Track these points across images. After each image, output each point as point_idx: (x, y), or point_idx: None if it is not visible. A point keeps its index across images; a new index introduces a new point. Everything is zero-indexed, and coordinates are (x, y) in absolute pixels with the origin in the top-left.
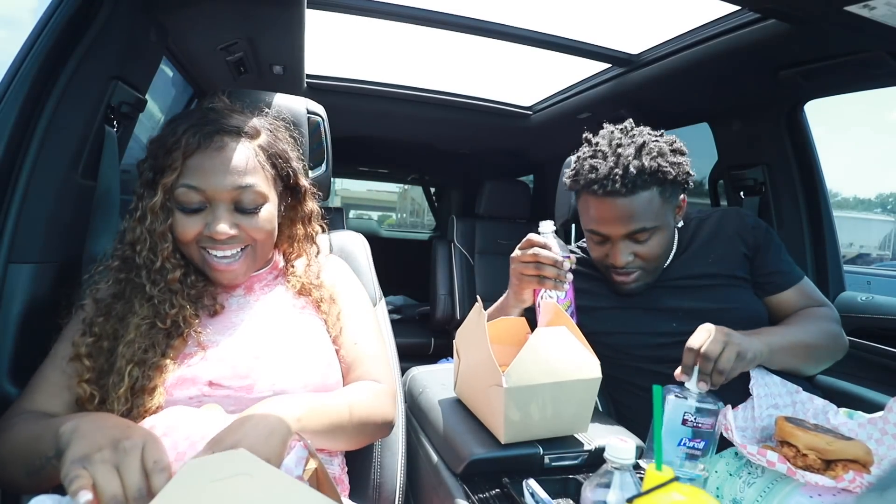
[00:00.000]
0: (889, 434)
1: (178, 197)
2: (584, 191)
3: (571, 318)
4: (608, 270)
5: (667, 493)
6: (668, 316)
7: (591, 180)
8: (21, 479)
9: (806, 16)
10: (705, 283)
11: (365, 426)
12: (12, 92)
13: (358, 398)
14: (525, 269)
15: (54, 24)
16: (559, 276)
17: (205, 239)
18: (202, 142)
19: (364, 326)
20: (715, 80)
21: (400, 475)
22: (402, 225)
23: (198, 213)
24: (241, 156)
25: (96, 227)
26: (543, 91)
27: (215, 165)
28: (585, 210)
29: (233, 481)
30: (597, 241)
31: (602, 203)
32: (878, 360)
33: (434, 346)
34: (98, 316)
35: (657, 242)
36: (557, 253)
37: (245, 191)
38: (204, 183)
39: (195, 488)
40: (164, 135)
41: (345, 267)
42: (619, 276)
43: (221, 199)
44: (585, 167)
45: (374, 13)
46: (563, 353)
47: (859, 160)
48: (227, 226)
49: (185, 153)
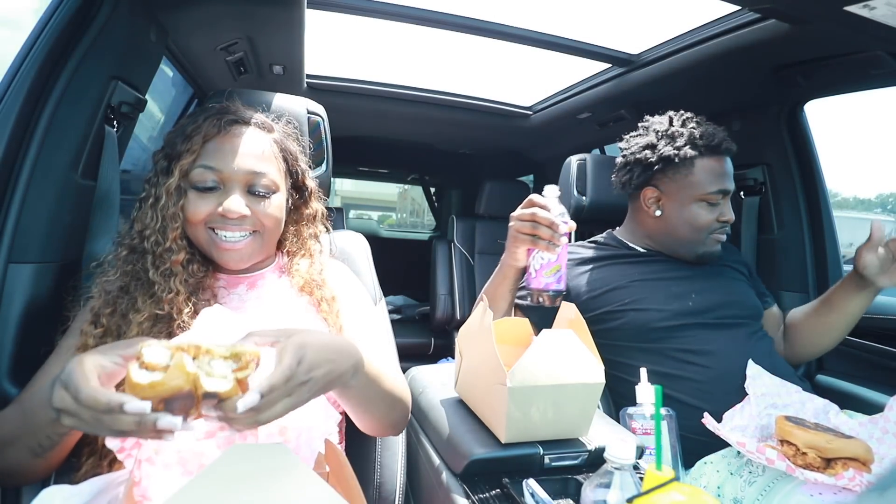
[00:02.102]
0: (890, 433)
1: (194, 177)
2: (711, 153)
3: (559, 283)
4: (710, 235)
5: (667, 493)
6: (684, 295)
7: (717, 142)
8: (27, 461)
9: (806, 16)
10: (715, 265)
11: (397, 404)
12: (12, 92)
13: (390, 373)
14: (522, 227)
15: (54, 24)
16: (553, 238)
17: (216, 218)
18: (222, 128)
19: (373, 331)
20: (715, 79)
21: (400, 475)
22: (402, 225)
23: (211, 192)
24: (257, 144)
25: (96, 227)
26: (543, 91)
27: (233, 148)
28: (711, 172)
29: (270, 474)
30: (713, 203)
31: (721, 163)
32: (878, 360)
33: (434, 346)
34: (105, 307)
35: None
36: (555, 215)
37: (259, 176)
38: (220, 164)
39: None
40: (184, 124)
41: (348, 271)
42: (720, 234)
43: (236, 180)
44: (696, 133)
45: (374, 13)
46: (568, 356)
47: (859, 160)
48: (240, 206)
49: (206, 137)
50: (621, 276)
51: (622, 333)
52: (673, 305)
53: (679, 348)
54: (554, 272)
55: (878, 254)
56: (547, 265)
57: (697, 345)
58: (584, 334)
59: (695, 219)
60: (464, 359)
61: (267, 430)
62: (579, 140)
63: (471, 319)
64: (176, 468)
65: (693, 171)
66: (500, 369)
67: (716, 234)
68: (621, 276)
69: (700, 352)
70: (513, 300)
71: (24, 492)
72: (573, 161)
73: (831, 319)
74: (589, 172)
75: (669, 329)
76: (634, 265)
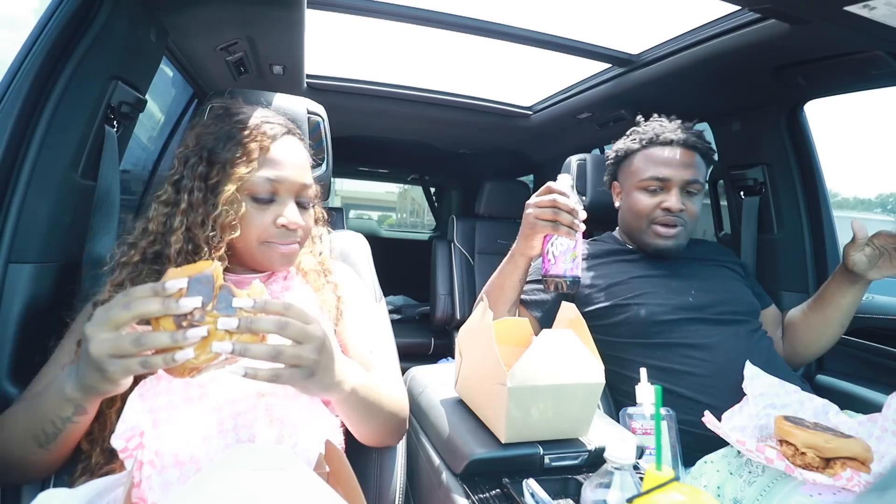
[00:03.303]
0: (889, 431)
1: (253, 188)
2: (651, 144)
3: (577, 269)
4: (650, 224)
5: (667, 493)
6: (683, 291)
7: (660, 133)
8: (32, 452)
9: (806, 16)
10: (714, 264)
11: (392, 418)
12: (12, 92)
13: (387, 390)
14: (542, 213)
15: (54, 24)
16: (573, 224)
17: (278, 231)
18: (277, 136)
19: (379, 334)
20: (715, 80)
21: (400, 475)
22: (402, 225)
23: (269, 203)
24: (304, 155)
25: (96, 227)
26: (543, 91)
27: (291, 159)
28: (648, 160)
29: (269, 474)
30: (652, 189)
31: (669, 150)
32: (878, 360)
33: (434, 346)
34: None
35: (698, 204)
36: (575, 201)
37: (308, 187)
38: (280, 175)
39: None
40: (227, 129)
41: (350, 271)
42: (666, 225)
43: (291, 191)
44: (648, 129)
45: (374, 13)
46: (568, 356)
47: (859, 160)
48: (299, 217)
49: (262, 146)
50: (621, 272)
51: (625, 329)
52: (673, 300)
53: (680, 342)
54: (573, 258)
55: (864, 251)
56: (567, 251)
57: (698, 339)
58: (584, 334)
59: (634, 205)
60: (464, 359)
61: (266, 433)
62: (579, 140)
63: (471, 319)
64: (173, 471)
65: (634, 160)
66: (500, 369)
67: (658, 223)
68: (621, 272)
69: (701, 346)
70: (521, 291)
71: (24, 495)
72: (573, 161)
73: (827, 315)
74: (589, 172)
75: (671, 323)
76: (633, 262)
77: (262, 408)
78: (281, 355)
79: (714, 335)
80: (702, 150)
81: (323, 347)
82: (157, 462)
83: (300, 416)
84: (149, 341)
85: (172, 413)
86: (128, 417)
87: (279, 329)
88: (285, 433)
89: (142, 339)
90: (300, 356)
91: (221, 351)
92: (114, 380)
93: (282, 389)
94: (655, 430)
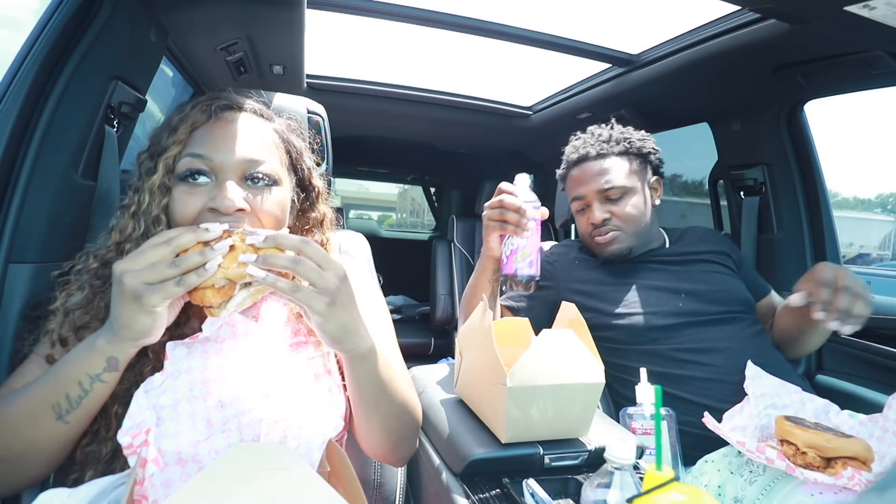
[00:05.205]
0: (890, 431)
1: (180, 168)
2: (570, 167)
3: (530, 267)
4: (592, 239)
5: (667, 493)
6: (673, 296)
7: (572, 154)
8: (46, 430)
9: (806, 16)
10: (700, 261)
11: (405, 412)
12: (12, 92)
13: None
14: (491, 214)
15: (54, 24)
16: (520, 223)
17: (208, 215)
18: (213, 113)
19: (388, 331)
20: (715, 80)
21: (400, 475)
22: (402, 225)
23: (201, 185)
24: (254, 130)
25: (96, 227)
26: (543, 91)
27: (226, 134)
28: (570, 183)
29: (272, 473)
30: (579, 210)
31: (580, 169)
32: (878, 360)
33: (434, 346)
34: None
35: (629, 203)
36: (522, 200)
37: (257, 164)
38: (211, 150)
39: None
40: (170, 117)
41: (355, 265)
42: (599, 236)
43: (230, 169)
44: (567, 152)
45: (374, 13)
46: (568, 356)
47: (859, 160)
48: (236, 196)
49: (194, 125)
50: (612, 278)
51: (620, 337)
52: (665, 306)
53: (677, 348)
54: (524, 257)
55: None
56: (517, 250)
57: (695, 343)
58: (584, 334)
59: (577, 226)
60: (464, 359)
61: (270, 433)
62: None
63: (471, 319)
64: (175, 468)
65: (566, 186)
66: (500, 369)
67: (595, 236)
68: (612, 278)
69: (698, 350)
70: (494, 292)
71: (23, 495)
72: None
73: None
74: None
75: (665, 329)
76: (622, 269)
77: (266, 407)
78: (302, 265)
79: (710, 338)
80: (618, 150)
81: (345, 278)
82: (159, 459)
83: (304, 416)
84: (182, 261)
85: (176, 411)
86: (134, 414)
87: (302, 245)
88: (289, 433)
89: (176, 262)
90: (322, 276)
91: (247, 261)
92: (150, 308)
93: (286, 390)
94: (655, 430)
